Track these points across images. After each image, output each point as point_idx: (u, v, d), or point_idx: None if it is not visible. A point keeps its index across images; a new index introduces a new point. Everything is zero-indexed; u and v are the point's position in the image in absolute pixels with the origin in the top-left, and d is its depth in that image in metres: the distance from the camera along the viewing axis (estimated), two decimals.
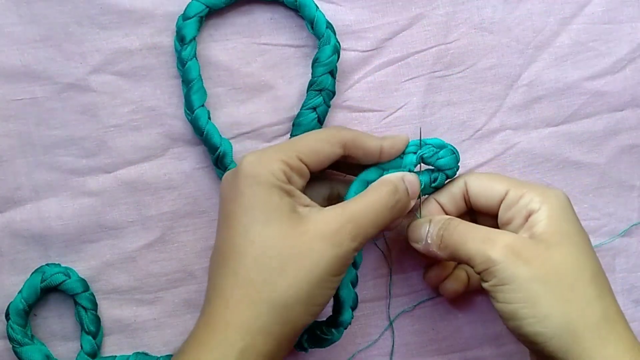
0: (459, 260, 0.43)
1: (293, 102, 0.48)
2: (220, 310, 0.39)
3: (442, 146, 0.44)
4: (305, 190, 0.43)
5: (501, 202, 0.43)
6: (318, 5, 0.46)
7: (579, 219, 0.42)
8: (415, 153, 0.44)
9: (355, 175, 0.44)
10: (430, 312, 0.51)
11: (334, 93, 0.47)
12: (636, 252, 0.52)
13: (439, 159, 0.44)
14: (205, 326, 0.39)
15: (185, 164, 0.47)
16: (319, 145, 0.42)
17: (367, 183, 0.43)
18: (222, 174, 0.44)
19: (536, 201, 0.41)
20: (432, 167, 0.45)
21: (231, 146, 0.46)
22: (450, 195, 0.45)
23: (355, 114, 0.48)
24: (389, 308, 0.50)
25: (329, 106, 0.47)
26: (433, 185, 0.45)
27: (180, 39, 0.45)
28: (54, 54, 0.46)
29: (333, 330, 0.45)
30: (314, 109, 0.46)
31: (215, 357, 0.37)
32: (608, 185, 0.51)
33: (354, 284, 0.45)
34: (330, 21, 0.47)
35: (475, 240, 0.41)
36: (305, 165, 0.41)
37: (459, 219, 0.43)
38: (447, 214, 0.45)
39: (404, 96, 0.49)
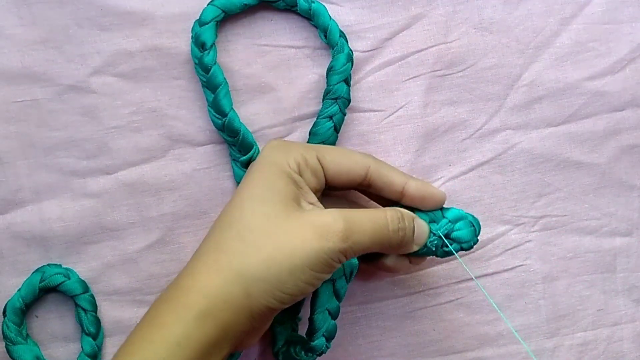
0: None
1: (294, 103, 0.48)
2: (190, 273, 0.39)
3: (460, 217, 0.44)
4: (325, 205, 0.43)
5: None
6: None
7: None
8: (431, 231, 0.43)
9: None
10: (431, 313, 0.51)
11: (349, 101, 0.47)
12: (637, 252, 0.52)
13: (455, 231, 0.43)
14: (171, 287, 0.39)
15: (186, 165, 0.47)
16: (342, 156, 0.42)
17: None
18: None
19: None
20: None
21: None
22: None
23: (356, 114, 0.48)
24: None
25: (344, 114, 0.47)
26: (445, 249, 0.44)
27: (201, 45, 0.45)
28: (55, 56, 0.46)
29: (303, 352, 0.44)
30: (330, 117, 0.46)
31: (173, 317, 0.37)
32: (608, 185, 0.51)
33: (333, 314, 0.44)
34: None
35: None
36: (323, 169, 0.41)
37: None
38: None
39: (404, 95, 0.49)
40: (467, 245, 0.44)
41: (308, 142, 0.47)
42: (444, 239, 0.43)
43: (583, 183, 0.51)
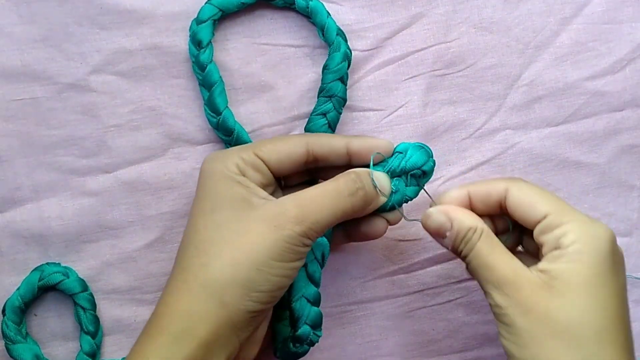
0: None
1: (293, 102, 0.48)
2: (163, 299, 0.39)
3: (407, 147, 0.43)
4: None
5: (538, 223, 0.40)
6: None
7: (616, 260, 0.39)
8: (383, 167, 0.42)
9: None
10: (430, 313, 0.51)
11: (344, 100, 0.47)
12: (636, 252, 0.52)
13: (409, 159, 0.42)
14: (150, 318, 0.39)
15: (185, 163, 0.47)
16: (279, 143, 0.42)
17: None
18: None
19: (570, 237, 0.38)
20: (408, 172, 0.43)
21: None
22: (484, 195, 0.42)
23: (355, 113, 0.48)
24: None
25: (339, 112, 0.47)
26: (411, 185, 0.43)
27: (197, 43, 0.45)
28: (54, 54, 0.46)
29: (290, 344, 0.44)
30: (324, 114, 0.46)
31: (153, 345, 0.37)
32: (608, 185, 0.51)
33: (312, 301, 0.44)
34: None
35: (484, 277, 0.39)
36: (263, 161, 0.41)
37: (480, 232, 0.40)
38: (473, 209, 0.42)
39: (404, 95, 0.49)
40: (427, 167, 0.43)
41: None
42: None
43: (583, 183, 0.51)
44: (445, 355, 0.51)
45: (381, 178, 0.42)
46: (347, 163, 0.43)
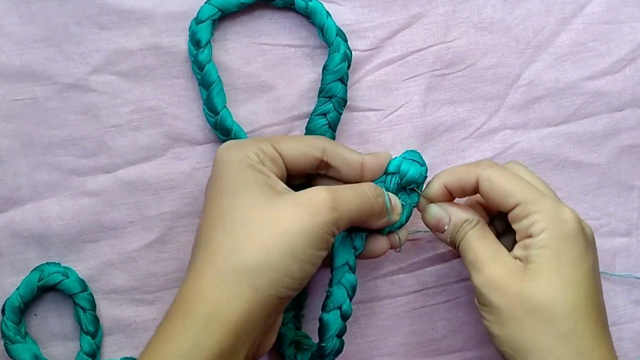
0: None
1: (293, 102, 0.48)
2: (190, 284, 0.38)
3: (398, 165, 0.44)
4: None
5: (510, 211, 0.42)
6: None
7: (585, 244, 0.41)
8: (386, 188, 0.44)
9: None
10: (430, 312, 0.51)
11: (345, 100, 0.47)
12: (636, 252, 0.52)
13: (404, 176, 0.43)
14: (175, 302, 0.38)
15: (185, 163, 0.47)
16: (296, 142, 0.42)
17: None
18: None
19: (538, 226, 0.40)
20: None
21: None
22: (459, 187, 0.43)
23: (355, 113, 0.48)
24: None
25: (340, 113, 0.47)
26: (411, 194, 0.44)
27: (196, 42, 0.45)
28: (54, 54, 0.46)
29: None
30: (324, 115, 0.46)
31: (180, 330, 0.36)
32: (608, 185, 0.51)
33: (345, 315, 0.43)
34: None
35: (468, 259, 0.42)
36: (281, 155, 0.41)
37: (473, 225, 0.43)
38: (452, 195, 0.44)
39: (404, 95, 0.49)
40: (422, 178, 0.44)
41: None
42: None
43: (582, 183, 0.51)
44: (445, 355, 0.51)
45: (393, 198, 0.43)
46: (359, 180, 0.43)
